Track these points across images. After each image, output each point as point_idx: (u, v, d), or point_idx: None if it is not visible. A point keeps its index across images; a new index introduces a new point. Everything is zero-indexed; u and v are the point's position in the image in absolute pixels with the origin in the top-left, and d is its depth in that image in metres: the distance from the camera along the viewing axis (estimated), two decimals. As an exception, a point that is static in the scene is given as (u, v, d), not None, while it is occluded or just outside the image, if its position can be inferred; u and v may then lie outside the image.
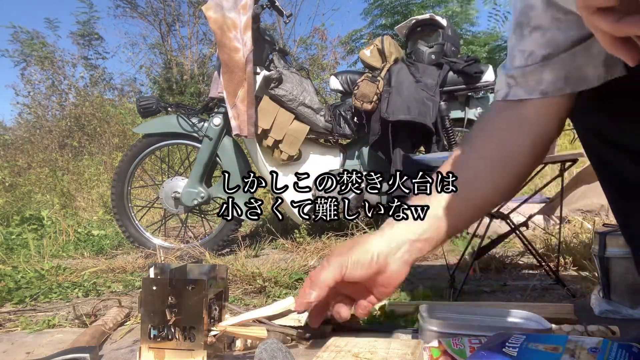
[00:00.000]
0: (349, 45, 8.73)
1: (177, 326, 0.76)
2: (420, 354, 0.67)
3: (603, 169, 0.74)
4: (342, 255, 0.71)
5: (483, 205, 0.78)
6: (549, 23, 0.66)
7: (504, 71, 0.75)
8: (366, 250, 0.71)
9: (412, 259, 0.73)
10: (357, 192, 2.58)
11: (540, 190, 1.66)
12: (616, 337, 0.94)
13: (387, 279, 0.72)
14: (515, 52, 0.71)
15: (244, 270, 1.73)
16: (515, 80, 0.72)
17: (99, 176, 5.35)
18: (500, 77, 0.76)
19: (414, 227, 0.73)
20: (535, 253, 1.51)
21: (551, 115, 0.72)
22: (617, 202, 0.74)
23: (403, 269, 0.72)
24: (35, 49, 8.04)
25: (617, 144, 0.68)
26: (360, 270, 0.70)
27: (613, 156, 0.70)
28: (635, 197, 0.69)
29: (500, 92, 0.75)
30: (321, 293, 0.70)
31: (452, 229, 0.75)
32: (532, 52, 0.69)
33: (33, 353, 1.07)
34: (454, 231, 0.75)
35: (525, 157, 0.74)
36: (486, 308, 1.02)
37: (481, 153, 0.75)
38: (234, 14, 2.26)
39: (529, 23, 0.68)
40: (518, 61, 0.71)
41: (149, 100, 2.50)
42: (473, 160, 0.75)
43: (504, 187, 0.76)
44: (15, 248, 2.67)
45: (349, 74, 2.73)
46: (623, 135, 0.68)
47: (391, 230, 0.73)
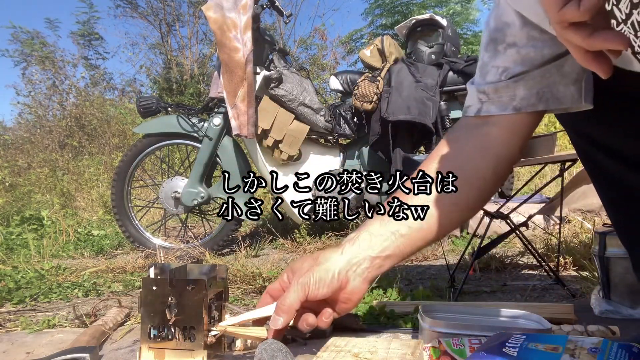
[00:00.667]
0: (349, 45, 8.73)
1: (177, 326, 0.76)
2: (420, 354, 0.67)
3: (597, 173, 0.75)
4: (304, 275, 0.72)
5: (445, 224, 0.77)
6: (524, 41, 0.67)
7: (474, 87, 0.75)
8: (327, 269, 0.72)
9: (372, 275, 0.74)
10: (357, 192, 2.58)
11: (540, 190, 1.66)
12: (616, 337, 0.94)
13: (347, 295, 0.74)
14: (489, 67, 0.71)
15: (244, 270, 1.73)
16: (488, 96, 0.72)
17: (99, 176, 5.35)
18: (471, 93, 0.76)
19: (375, 243, 0.74)
20: (535, 253, 1.51)
21: (518, 134, 0.73)
22: (611, 205, 0.75)
23: (363, 285, 0.74)
24: (35, 49, 8.04)
25: (610, 149, 0.69)
26: (323, 289, 0.71)
27: (606, 161, 0.71)
28: (628, 200, 0.70)
29: (472, 107, 0.75)
30: (289, 318, 0.72)
31: (413, 248, 0.76)
32: (506, 68, 0.69)
33: (33, 353, 1.07)
34: (413, 250, 0.76)
35: (487, 180, 0.75)
36: (486, 308, 1.02)
37: (446, 172, 0.75)
38: (234, 14, 2.26)
39: (504, 40, 0.69)
40: (491, 76, 0.71)
41: (149, 100, 2.50)
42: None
43: (464, 206, 0.77)
44: (15, 248, 2.67)
45: (349, 74, 2.73)
46: (615, 141, 0.68)
47: (352, 247, 0.74)
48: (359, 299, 0.75)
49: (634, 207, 0.70)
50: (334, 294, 0.73)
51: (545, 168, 1.69)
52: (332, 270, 0.72)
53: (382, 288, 1.48)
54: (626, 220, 0.73)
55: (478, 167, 0.74)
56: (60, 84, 7.70)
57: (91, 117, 6.78)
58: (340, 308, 0.75)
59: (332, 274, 0.71)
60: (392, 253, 0.74)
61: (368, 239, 0.74)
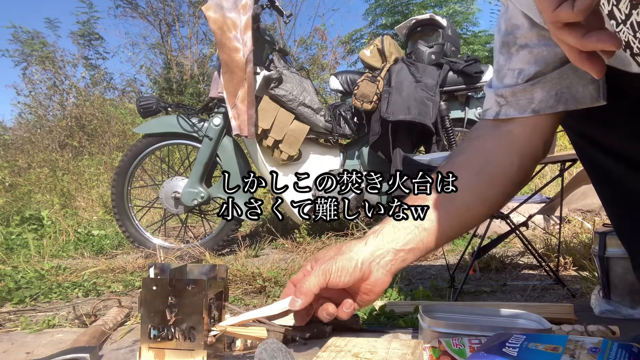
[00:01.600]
0: (349, 45, 8.73)
1: (177, 326, 0.76)
2: (420, 354, 0.67)
3: (596, 174, 0.75)
4: (326, 262, 0.72)
5: (469, 219, 0.78)
6: (535, 41, 0.67)
7: (492, 90, 0.75)
8: (350, 258, 0.72)
9: (395, 268, 0.74)
10: (357, 192, 2.58)
11: (540, 190, 1.66)
12: (616, 337, 0.94)
13: (370, 287, 0.73)
14: (505, 71, 0.72)
15: (244, 270, 1.73)
16: (506, 100, 0.72)
17: (99, 176, 5.35)
18: (488, 96, 0.77)
19: (399, 236, 0.73)
20: (535, 253, 1.51)
21: (540, 132, 0.73)
22: (611, 206, 0.75)
23: (386, 277, 0.73)
24: (35, 49, 8.04)
25: (610, 151, 0.69)
26: (344, 278, 0.71)
27: (606, 162, 0.71)
28: (629, 201, 0.70)
29: (490, 111, 0.76)
30: (307, 300, 0.72)
31: (436, 242, 0.75)
32: (521, 69, 0.69)
33: (33, 353, 1.07)
34: (437, 244, 0.76)
35: (512, 176, 0.75)
36: (486, 308, 1.02)
37: (470, 168, 0.76)
38: (234, 14, 2.26)
39: (515, 42, 0.69)
40: (508, 79, 0.71)
41: (149, 100, 2.50)
42: (461, 174, 0.75)
43: (490, 201, 0.77)
44: (15, 248, 2.67)
45: (349, 74, 2.73)
46: (615, 142, 0.68)
47: (376, 239, 0.74)
48: (381, 290, 0.74)
49: (634, 208, 0.70)
50: (355, 284, 0.72)
51: (545, 168, 1.69)
52: (355, 260, 0.71)
53: (382, 288, 1.48)
54: (626, 221, 0.73)
55: (503, 163, 0.74)
56: (61, 84, 7.70)
57: (91, 117, 6.78)
58: (361, 299, 0.75)
59: (355, 264, 0.71)
60: (416, 246, 0.74)
61: (392, 231, 0.74)
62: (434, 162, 1.40)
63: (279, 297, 1.54)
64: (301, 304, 0.71)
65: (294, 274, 1.71)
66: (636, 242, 0.72)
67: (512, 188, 0.77)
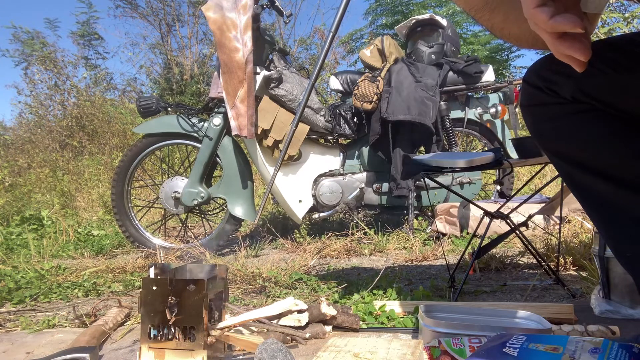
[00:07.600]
0: (349, 45, 8.72)
1: (177, 326, 0.76)
2: (420, 354, 0.67)
3: (573, 186, 0.75)
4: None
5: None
6: None
7: None
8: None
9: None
10: (357, 192, 2.58)
11: (540, 190, 1.66)
12: (616, 337, 0.94)
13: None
14: None
15: (244, 270, 1.73)
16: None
17: (99, 176, 5.35)
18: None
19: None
20: (535, 253, 1.51)
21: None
22: (603, 224, 0.74)
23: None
24: (35, 49, 8.04)
25: (579, 164, 0.70)
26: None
27: (578, 174, 0.71)
28: (619, 219, 0.69)
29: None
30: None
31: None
32: None
33: (33, 353, 1.07)
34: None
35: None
36: (486, 308, 1.02)
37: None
38: (234, 14, 2.26)
39: None
40: None
41: (149, 100, 2.50)
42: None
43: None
44: (15, 248, 2.67)
45: (349, 74, 2.73)
46: (582, 155, 0.69)
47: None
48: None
49: (625, 224, 0.69)
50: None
51: (545, 168, 1.69)
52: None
53: (382, 288, 1.48)
54: (619, 239, 0.72)
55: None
56: (62, 84, 7.70)
57: (92, 117, 6.78)
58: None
59: None
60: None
61: None
62: (434, 162, 1.40)
63: (279, 297, 1.54)
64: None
65: (294, 274, 1.72)
66: (635, 260, 0.70)
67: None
